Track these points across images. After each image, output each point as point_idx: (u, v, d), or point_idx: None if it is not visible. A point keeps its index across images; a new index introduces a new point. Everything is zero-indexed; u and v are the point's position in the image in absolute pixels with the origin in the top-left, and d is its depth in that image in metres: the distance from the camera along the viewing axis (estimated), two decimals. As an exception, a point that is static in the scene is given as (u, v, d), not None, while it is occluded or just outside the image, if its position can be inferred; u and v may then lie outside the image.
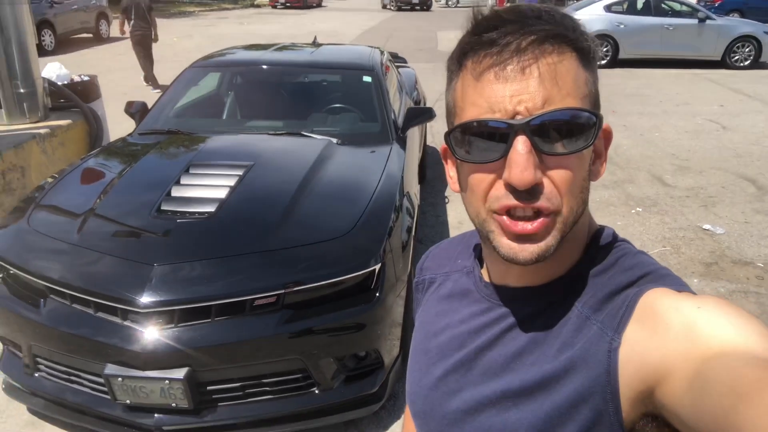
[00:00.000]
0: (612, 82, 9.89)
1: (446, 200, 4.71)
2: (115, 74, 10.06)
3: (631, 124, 7.33)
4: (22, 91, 4.43)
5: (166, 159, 3.02)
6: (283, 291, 2.10)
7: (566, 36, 0.57)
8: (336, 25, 19.63)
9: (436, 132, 6.64)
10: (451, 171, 0.69)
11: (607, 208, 4.79)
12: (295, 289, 2.12)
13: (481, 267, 0.74)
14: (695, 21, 11.04)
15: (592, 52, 0.60)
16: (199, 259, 2.18)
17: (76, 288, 2.11)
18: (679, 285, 0.58)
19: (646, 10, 11.31)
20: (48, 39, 12.73)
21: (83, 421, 2.24)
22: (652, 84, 10.00)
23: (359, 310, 2.22)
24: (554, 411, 0.57)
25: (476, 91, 0.58)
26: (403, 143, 3.30)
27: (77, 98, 4.64)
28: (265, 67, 3.81)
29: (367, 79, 3.67)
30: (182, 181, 2.58)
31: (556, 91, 0.56)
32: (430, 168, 5.35)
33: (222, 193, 2.48)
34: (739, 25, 11.39)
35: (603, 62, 10.98)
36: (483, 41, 0.58)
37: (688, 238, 4.27)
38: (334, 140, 3.14)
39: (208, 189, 2.53)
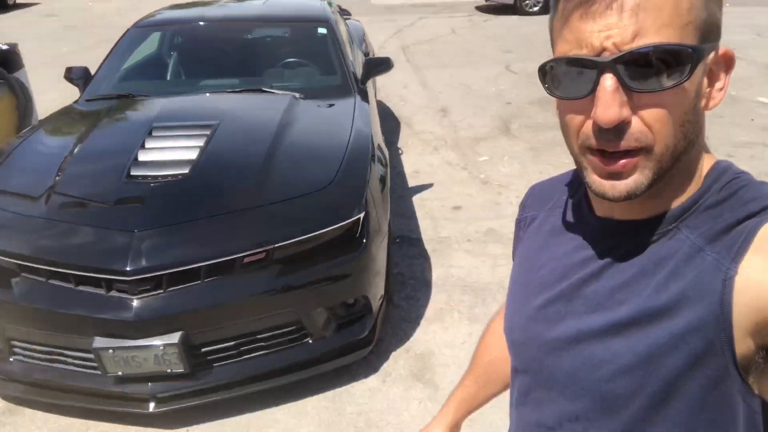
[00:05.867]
0: (545, 28, 10.01)
1: (400, 151, 4.74)
2: (30, 43, 9.33)
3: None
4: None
5: (124, 124, 2.88)
6: (272, 246, 2.10)
7: None
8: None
9: (381, 86, 6.60)
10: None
11: (552, 148, 4.92)
12: (284, 243, 2.11)
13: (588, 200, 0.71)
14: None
15: None
16: (181, 221, 2.13)
17: (51, 262, 2.03)
18: None
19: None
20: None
21: (69, 399, 2.19)
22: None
23: (347, 258, 2.24)
24: (662, 340, 0.58)
25: (566, 26, 0.57)
26: (365, 95, 3.28)
27: (1, 69, 4.30)
28: (215, 23, 3.66)
29: (322, 30, 3.59)
30: (147, 145, 2.48)
31: (649, 22, 0.53)
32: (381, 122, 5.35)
33: (193, 154, 2.41)
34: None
35: (535, 8, 11.08)
36: None
37: None
38: (296, 95, 3.08)
39: (177, 151, 2.45)
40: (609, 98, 0.53)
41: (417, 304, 2.86)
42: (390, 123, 5.40)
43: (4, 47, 4.57)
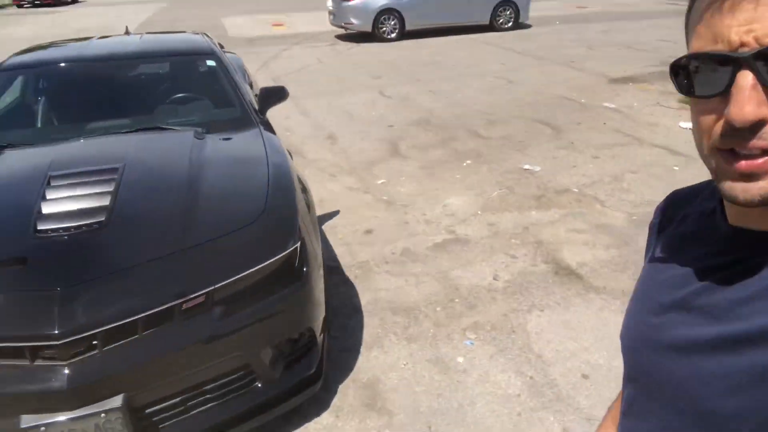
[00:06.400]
0: (406, 53, 10.60)
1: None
2: None
3: (437, 89, 7.98)
4: None
5: (12, 177, 2.54)
6: (211, 288, 1.97)
7: None
8: (104, 21, 17.67)
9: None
10: None
11: (443, 165, 5.21)
12: (223, 283, 2.00)
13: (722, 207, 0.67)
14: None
15: None
16: (108, 273, 1.93)
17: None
18: None
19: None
20: None
21: None
22: (441, 52, 10.95)
23: (289, 291, 2.18)
24: None
25: (702, 22, 0.55)
26: (267, 125, 3.23)
27: None
28: (93, 61, 3.39)
29: (210, 62, 3.48)
30: (49, 196, 2.22)
31: None
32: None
33: (105, 200, 2.20)
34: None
35: (392, 35, 11.67)
36: None
37: (515, 178, 4.86)
38: (198, 129, 2.94)
39: (85, 199, 2.21)
40: (746, 96, 0.50)
41: (352, 332, 2.84)
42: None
43: None
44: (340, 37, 12.32)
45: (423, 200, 4.22)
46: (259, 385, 2.14)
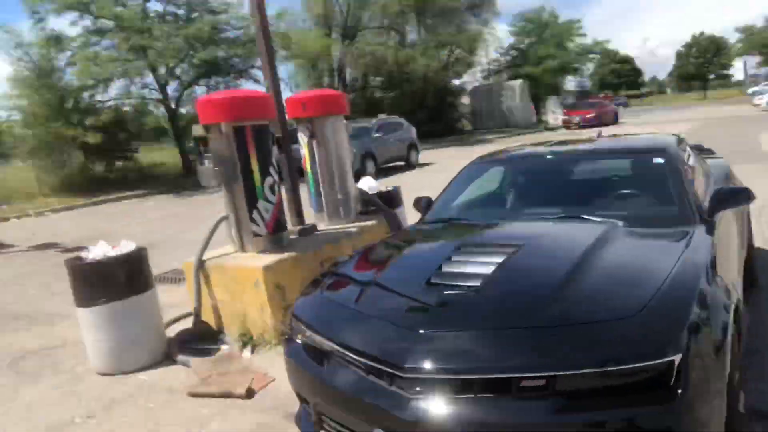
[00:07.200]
0: None
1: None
2: (424, 191, 11.20)
3: None
4: (339, 197, 5.25)
5: (442, 241, 3.13)
6: (553, 373, 1.81)
7: None
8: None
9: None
10: None
11: None
12: (570, 372, 1.80)
13: None
14: None
15: None
16: (462, 329, 2.07)
17: (351, 349, 2.19)
18: None
19: None
20: (370, 166, 15.28)
21: None
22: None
23: (654, 410, 1.76)
24: None
25: None
26: (710, 227, 2.76)
27: (381, 203, 5.29)
28: (548, 156, 3.77)
29: (658, 160, 3.28)
30: (453, 258, 2.60)
31: None
32: (764, 273, 4.39)
33: (488, 269, 2.38)
34: None
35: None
36: None
37: None
38: (618, 222, 2.80)
39: (475, 266, 2.47)
40: None
41: None
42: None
43: (390, 189, 5.68)
44: None
45: None
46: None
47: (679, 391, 1.76)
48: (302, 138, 5.24)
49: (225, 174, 4.25)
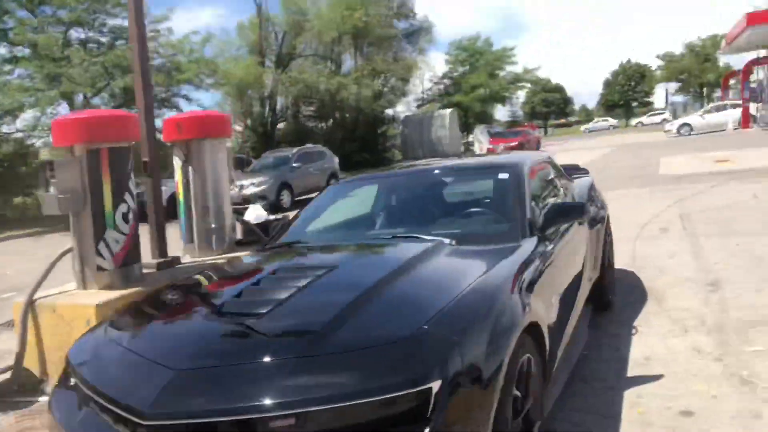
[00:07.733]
0: None
1: (633, 331, 3.67)
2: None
3: None
4: (212, 226, 4.95)
5: (265, 265, 2.81)
6: (301, 410, 1.58)
7: None
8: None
9: (642, 255, 5.57)
10: None
11: None
12: (317, 408, 1.58)
13: None
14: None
15: None
16: (224, 364, 1.80)
17: (103, 395, 1.87)
18: None
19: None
20: (286, 198, 14.84)
21: None
22: None
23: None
24: None
25: None
26: (540, 241, 2.66)
27: (262, 234, 5.01)
28: (398, 177, 3.63)
29: (503, 175, 3.17)
30: (260, 284, 2.36)
31: None
32: (620, 295, 4.36)
33: (286, 294, 2.14)
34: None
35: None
36: None
37: None
38: (447, 240, 2.65)
39: (277, 291, 2.20)
40: None
41: None
42: (630, 297, 4.36)
43: (279, 217, 5.42)
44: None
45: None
46: None
47: (432, 425, 1.56)
48: (177, 162, 4.94)
49: (72, 200, 3.88)
